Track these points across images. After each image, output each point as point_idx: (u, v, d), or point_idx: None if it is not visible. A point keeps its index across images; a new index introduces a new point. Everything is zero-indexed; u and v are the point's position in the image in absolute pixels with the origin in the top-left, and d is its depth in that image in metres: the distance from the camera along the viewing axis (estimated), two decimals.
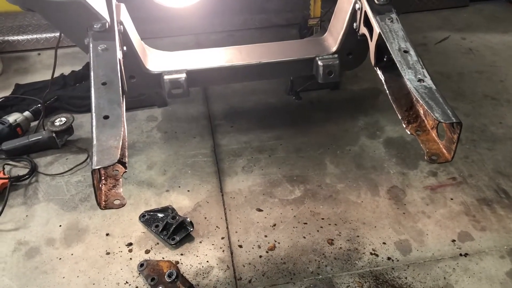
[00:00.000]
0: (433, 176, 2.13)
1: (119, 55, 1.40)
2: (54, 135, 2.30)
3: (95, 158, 1.08)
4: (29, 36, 3.17)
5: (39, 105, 2.53)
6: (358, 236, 1.88)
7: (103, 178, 1.15)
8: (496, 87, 2.66)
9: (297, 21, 2.86)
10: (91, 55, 1.38)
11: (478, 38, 3.12)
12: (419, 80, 1.26)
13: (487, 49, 3.00)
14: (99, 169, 1.08)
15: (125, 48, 1.54)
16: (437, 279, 1.72)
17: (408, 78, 1.26)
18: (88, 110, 2.51)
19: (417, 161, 2.21)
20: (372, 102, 2.59)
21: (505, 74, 2.76)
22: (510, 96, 2.59)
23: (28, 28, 3.21)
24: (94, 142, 1.15)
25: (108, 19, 1.47)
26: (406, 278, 1.73)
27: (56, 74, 2.58)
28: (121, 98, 1.26)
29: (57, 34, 3.09)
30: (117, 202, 1.11)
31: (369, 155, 2.27)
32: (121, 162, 1.14)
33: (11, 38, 3.15)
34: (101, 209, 1.12)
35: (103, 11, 1.48)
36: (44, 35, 3.18)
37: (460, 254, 1.80)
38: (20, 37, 3.16)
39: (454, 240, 1.86)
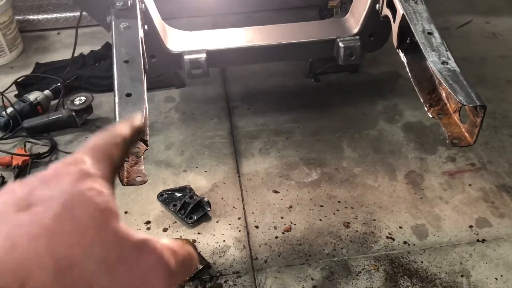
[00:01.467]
0: (452, 161, 2.11)
1: (141, 33, 1.40)
2: (73, 114, 2.33)
3: None
4: (49, 16, 3.18)
5: (59, 84, 2.56)
6: (374, 220, 1.88)
7: None
8: None
9: (317, 2, 2.82)
10: (113, 33, 1.38)
11: (502, 22, 3.05)
12: (443, 63, 1.24)
13: (511, 33, 2.94)
14: None
15: (146, 26, 1.54)
16: (453, 264, 1.71)
17: (432, 60, 1.25)
18: (107, 89, 2.57)
19: (435, 146, 2.19)
20: (392, 86, 2.56)
21: None
22: None
23: (48, 7, 3.22)
24: (117, 119, 1.16)
25: None
26: (422, 262, 1.73)
27: (76, 54, 2.59)
28: (143, 76, 1.26)
29: (76, 13, 3.10)
30: (139, 178, 1.12)
31: (387, 139, 2.25)
32: (142, 140, 1.15)
33: (31, 17, 3.17)
34: (123, 185, 1.14)
35: None
36: (63, 15, 3.19)
37: (477, 240, 1.80)
38: (40, 16, 3.18)
39: (472, 226, 1.85)
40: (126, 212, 1.95)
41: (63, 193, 0.37)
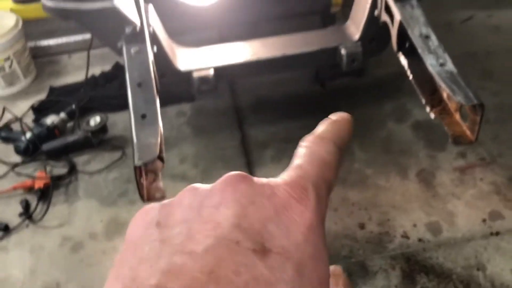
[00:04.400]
0: (462, 157, 2.14)
1: (151, 56, 1.47)
2: (89, 134, 2.41)
3: (137, 155, 1.16)
4: (59, 40, 3.28)
5: (73, 106, 2.64)
6: (388, 220, 1.92)
7: (144, 173, 1.23)
8: None
9: (320, 9, 2.87)
10: (125, 58, 1.45)
11: (505, 15, 3.07)
12: (441, 65, 1.28)
13: None
14: (140, 165, 1.16)
15: (155, 48, 1.61)
16: (469, 258, 1.74)
17: (430, 63, 1.29)
18: (120, 108, 2.65)
19: (445, 143, 2.22)
20: (398, 86, 2.60)
21: None
22: None
23: (58, 32, 3.32)
24: (135, 140, 1.22)
25: (139, 22, 1.54)
26: (437, 258, 1.76)
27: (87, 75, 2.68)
28: (156, 96, 1.33)
29: (85, 36, 3.20)
30: (158, 195, 1.19)
31: (396, 139, 2.29)
32: (160, 157, 1.21)
33: (42, 43, 3.27)
34: (144, 202, 1.20)
35: (133, 14, 1.55)
36: (73, 38, 3.29)
37: (491, 233, 1.82)
38: (51, 41, 3.28)
39: (485, 220, 1.87)
40: None
41: (298, 248, 0.33)
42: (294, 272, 0.32)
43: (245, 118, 2.54)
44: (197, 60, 1.83)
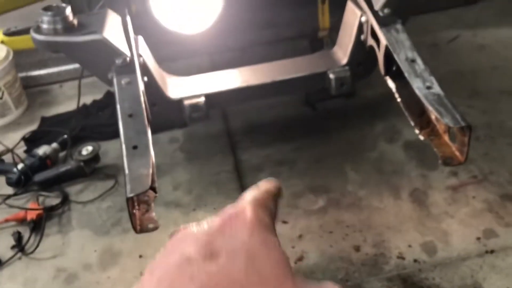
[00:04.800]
0: (454, 176, 2.16)
1: (142, 86, 1.49)
2: (82, 164, 2.40)
3: (128, 187, 1.16)
4: (50, 70, 3.31)
5: (65, 136, 2.64)
6: (383, 241, 1.92)
7: (136, 204, 1.22)
8: (511, 82, 2.67)
9: (308, 33, 2.92)
10: (116, 89, 1.47)
11: (489, 34, 3.13)
12: (428, 88, 1.31)
13: (499, 44, 3.02)
14: (132, 196, 1.16)
15: (145, 78, 1.63)
16: (465, 278, 1.74)
17: (417, 86, 1.31)
18: (112, 136, 2.66)
19: (437, 162, 2.18)
20: (388, 107, 2.62)
21: None
22: None
23: (48, 62, 3.35)
24: (126, 172, 1.23)
25: (129, 53, 1.56)
26: (433, 278, 1.76)
27: (79, 105, 2.69)
28: (147, 127, 1.34)
29: (77, 65, 3.22)
30: (151, 225, 1.19)
31: (388, 159, 2.30)
32: (152, 188, 1.21)
33: (33, 73, 3.29)
34: (137, 233, 1.20)
35: (123, 46, 1.58)
36: (64, 68, 3.31)
37: (486, 251, 1.82)
38: (42, 72, 3.30)
39: (479, 238, 1.88)
40: (140, 256, 2.00)
41: (244, 244, 0.42)
42: (247, 259, 0.42)
43: (238, 142, 2.55)
44: (187, 88, 1.84)
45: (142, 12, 2.08)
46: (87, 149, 2.44)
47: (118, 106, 1.40)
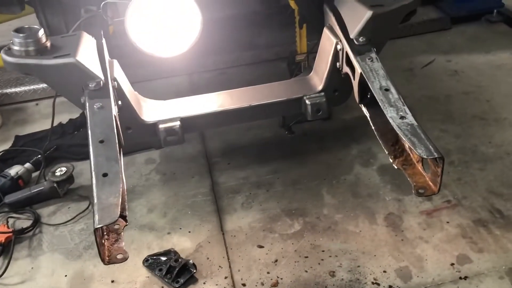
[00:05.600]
0: (428, 200, 2.18)
1: (115, 111, 1.46)
2: (55, 185, 2.35)
3: (96, 217, 1.13)
4: (26, 88, 3.26)
5: (39, 156, 2.59)
6: (358, 266, 1.92)
7: (105, 233, 1.20)
8: (484, 107, 2.73)
9: (286, 55, 2.95)
10: (88, 113, 1.44)
11: (462, 59, 3.20)
12: (401, 117, 1.32)
13: (472, 70, 3.08)
14: (101, 227, 1.13)
15: (120, 102, 1.61)
16: None
17: (391, 116, 1.33)
18: (87, 157, 2.60)
19: (411, 187, 2.24)
20: (364, 130, 2.64)
21: (491, 93, 2.83)
22: (498, 115, 2.65)
23: (25, 80, 3.29)
24: (95, 200, 1.20)
25: (103, 77, 1.54)
26: None
27: (55, 123, 2.64)
28: (118, 154, 1.31)
29: None
30: (119, 256, 1.15)
31: (364, 183, 2.31)
32: (122, 216, 1.18)
33: (9, 90, 3.23)
34: (105, 264, 1.16)
35: (97, 69, 1.56)
36: (40, 86, 3.26)
37: (460, 278, 1.83)
38: (17, 89, 3.25)
39: (453, 264, 1.89)
40: (113, 281, 1.95)
41: None
42: None
43: (215, 164, 2.53)
44: (163, 111, 1.83)
45: (119, 32, 2.07)
46: (61, 170, 2.39)
47: (89, 132, 1.38)
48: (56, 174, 2.37)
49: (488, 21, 3.57)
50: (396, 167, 1.34)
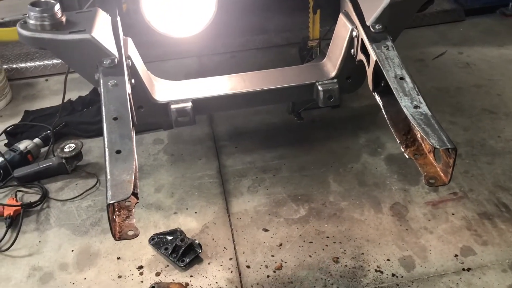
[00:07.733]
0: (434, 191, 2.18)
1: (128, 89, 1.47)
2: (64, 161, 2.37)
3: (109, 193, 1.14)
4: (37, 63, 3.25)
5: (49, 131, 2.60)
6: (362, 254, 1.93)
7: (116, 210, 1.21)
8: (494, 101, 2.72)
9: (297, 41, 2.93)
10: (102, 90, 1.44)
11: (475, 52, 3.18)
12: (415, 107, 1.32)
13: (484, 63, 3.06)
14: (113, 203, 1.14)
15: (133, 81, 1.61)
16: None
17: (405, 105, 1.32)
18: (96, 134, 2.62)
19: (418, 177, 2.26)
20: (373, 119, 2.65)
21: (502, 88, 2.82)
22: (508, 110, 2.64)
23: (35, 55, 3.29)
24: (108, 177, 1.21)
25: (117, 55, 1.54)
26: None
27: (64, 100, 2.64)
28: (132, 131, 1.32)
29: None
30: (130, 232, 1.17)
31: (371, 172, 2.32)
32: (134, 193, 1.20)
33: (19, 65, 3.23)
34: (116, 240, 1.18)
35: (111, 47, 1.55)
36: (51, 62, 3.26)
37: (463, 269, 1.85)
38: (28, 64, 3.24)
39: (457, 255, 1.90)
40: (118, 258, 1.97)
41: None
42: None
43: (223, 147, 2.54)
44: (175, 92, 1.83)
45: (132, 11, 2.06)
46: (69, 146, 2.40)
47: (103, 108, 1.38)
48: (65, 150, 2.39)
49: (503, 14, 3.53)
50: (407, 156, 1.34)
